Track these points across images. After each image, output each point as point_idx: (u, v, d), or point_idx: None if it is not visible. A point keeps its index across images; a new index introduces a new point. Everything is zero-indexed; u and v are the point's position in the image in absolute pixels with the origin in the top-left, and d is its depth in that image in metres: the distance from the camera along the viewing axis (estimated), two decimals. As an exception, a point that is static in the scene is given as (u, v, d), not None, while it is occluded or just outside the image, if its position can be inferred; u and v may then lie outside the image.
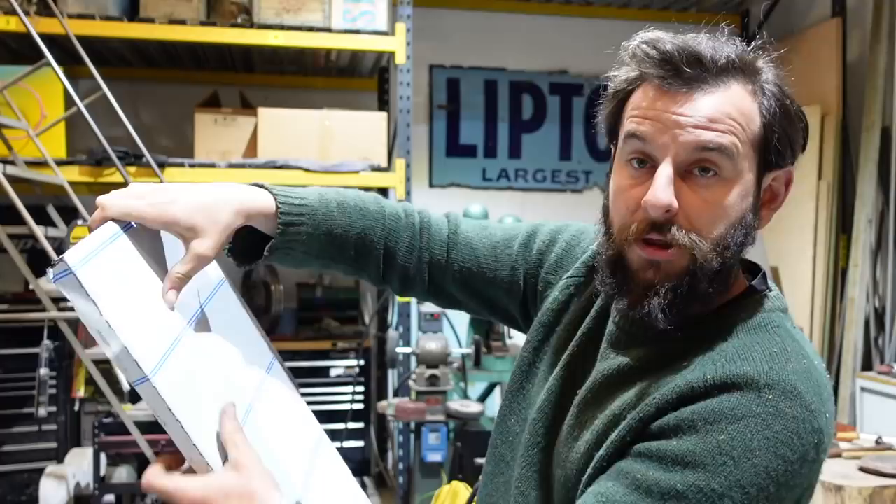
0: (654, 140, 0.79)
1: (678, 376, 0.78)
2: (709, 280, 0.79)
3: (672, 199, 0.78)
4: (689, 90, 0.79)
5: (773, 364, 0.76)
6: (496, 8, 4.93)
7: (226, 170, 3.54)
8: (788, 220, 4.38)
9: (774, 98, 0.82)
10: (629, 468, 0.76)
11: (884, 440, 2.78)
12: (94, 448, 3.05)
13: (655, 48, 0.81)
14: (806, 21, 4.70)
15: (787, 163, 0.84)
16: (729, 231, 0.80)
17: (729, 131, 0.78)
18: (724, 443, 0.72)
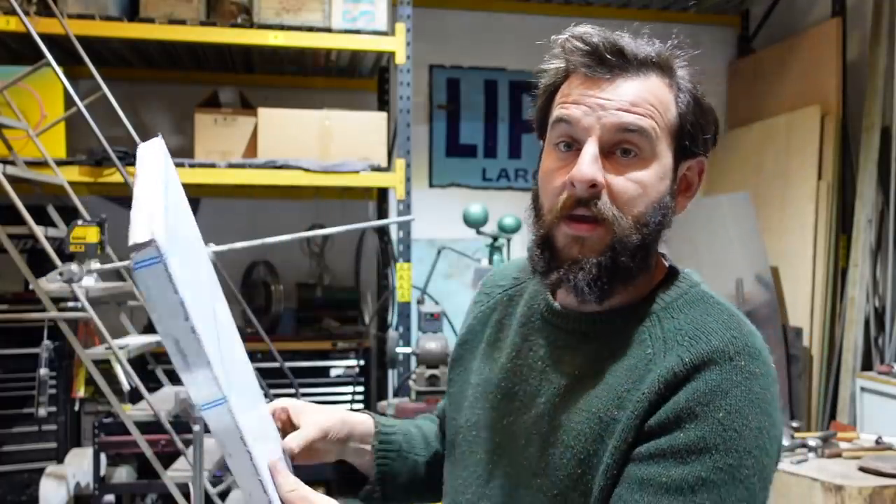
0: (580, 122, 0.85)
1: (652, 364, 0.83)
2: (629, 254, 0.85)
3: (597, 174, 0.83)
4: (611, 77, 0.85)
5: (730, 333, 0.84)
6: (496, 8, 4.93)
7: (226, 170, 3.54)
8: (788, 220, 4.38)
9: (689, 92, 0.90)
10: (649, 474, 0.78)
11: (884, 440, 2.78)
12: (94, 448, 3.05)
13: (582, 40, 0.88)
14: (806, 21, 4.70)
15: (700, 153, 0.91)
16: (648, 209, 0.85)
17: (648, 115, 0.85)
18: (724, 419, 0.77)
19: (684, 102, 0.89)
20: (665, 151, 0.87)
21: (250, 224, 4.11)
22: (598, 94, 0.85)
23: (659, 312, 0.87)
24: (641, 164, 0.85)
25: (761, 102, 4.87)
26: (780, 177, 4.50)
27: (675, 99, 0.88)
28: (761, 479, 0.78)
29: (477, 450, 0.95)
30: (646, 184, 0.85)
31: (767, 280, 4.24)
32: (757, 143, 4.77)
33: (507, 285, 1.06)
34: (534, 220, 0.91)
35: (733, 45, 5.31)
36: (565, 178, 0.85)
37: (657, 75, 0.88)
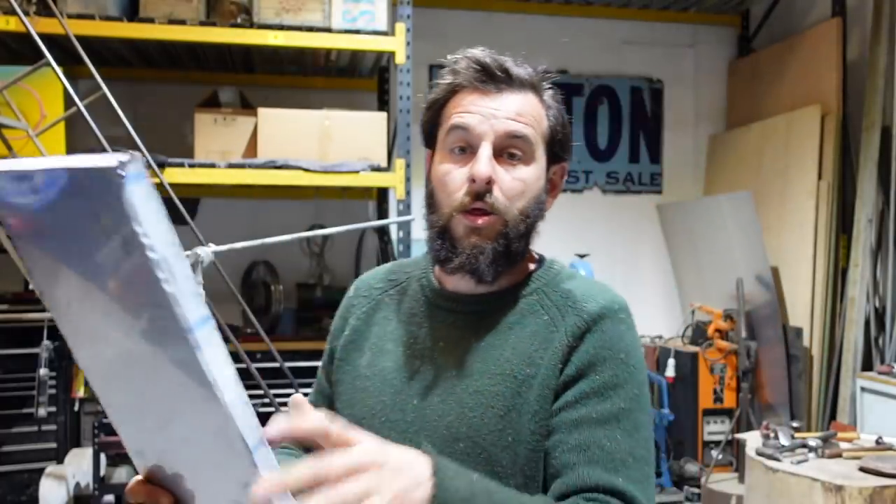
0: (476, 128, 1.00)
1: (554, 326, 1.00)
2: (517, 240, 1.01)
3: (492, 172, 0.99)
4: (498, 91, 1.01)
5: (609, 294, 1.03)
6: (496, 8, 4.93)
7: (226, 170, 3.54)
8: (788, 219, 4.38)
9: (555, 109, 1.06)
10: (579, 415, 0.94)
11: (884, 440, 2.78)
12: (94, 448, 3.05)
13: (475, 60, 1.02)
14: (806, 21, 4.70)
15: (564, 158, 1.10)
16: (529, 203, 1.02)
17: (529, 124, 1.01)
18: (625, 359, 0.97)
19: (553, 116, 1.05)
20: (541, 156, 1.04)
21: (250, 224, 4.10)
22: (490, 104, 1.00)
23: (542, 288, 1.05)
24: (524, 165, 1.01)
25: (761, 102, 4.87)
26: (780, 176, 4.50)
27: (545, 113, 1.05)
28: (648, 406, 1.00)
29: (388, 433, 0.97)
30: (527, 182, 1.01)
31: (767, 280, 4.24)
32: (757, 142, 4.77)
33: (383, 287, 1.17)
34: (430, 216, 1.05)
35: (733, 45, 5.31)
36: (462, 176, 1.00)
37: (532, 93, 1.04)
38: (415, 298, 1.11)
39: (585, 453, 0.92)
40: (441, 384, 1.01)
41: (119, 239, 0.58)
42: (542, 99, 1.05)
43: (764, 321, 4.28)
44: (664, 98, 5.28)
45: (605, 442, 0.92)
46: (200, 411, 0.64)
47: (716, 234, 4.58)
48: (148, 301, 0.60)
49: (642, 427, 0.96)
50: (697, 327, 4.57)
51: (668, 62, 5.25)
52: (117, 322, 0.66)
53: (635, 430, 0.95)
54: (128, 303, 0.64)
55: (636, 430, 0.95)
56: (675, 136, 5.30)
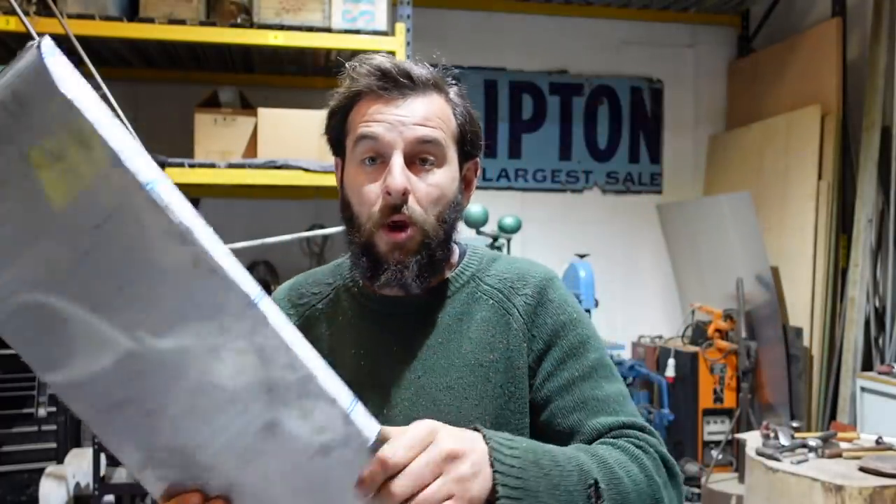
0: (384, 137, 0.97)
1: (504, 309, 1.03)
2: (439, 247, 1.01)
3: (406, 183, 0.96)
4: (403, 97, 0.99)
5: (537, 267, 1.08)
6: (496, 8, 4.94)
7: (226, 170, 3.54)
8: (788, 220, 4.38)
9: (461, 106, 1.05)
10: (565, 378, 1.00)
11: (884, 440, 2.78)
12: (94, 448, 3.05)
13: (375, 66, 0.99)
14: (806, 21, 4.70)
15: (476, 154, 1.08)
16: (446, 208, 1.01)
17: (438, 127, 0.99)
18: (575, 316, 1.05)
19: (460, 114, 1.04)
20: (453, 157, 1.02)
21: (250, 224, 4.11)
22: (396, 112, 0.98)
23: (475, 275, 1.07)
24: (437, 169, 1.00)
25: (761, 102, 4.87)
26: (780, 177, 4.50)
27: (452, 111, 1.03)
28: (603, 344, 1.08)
29: None
30: (442, 186, 1.00)
31: (767, 280, 4.24)
32: (757, 143, 4.77)
33: (309, 301, 1.13)
34: (350, 230, 1.03)
35: (733, 45, 5.31)
36: (377, 188, 0.98)
37: (436, 93, 1.02)
38: (351, 308, 1.09)
39: (585, 408, 0.98)
40: (408, 387, 1.01)
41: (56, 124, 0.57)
42: (447, 98, 1.03)
43: (764, 321, 4.28)
44: (664, 98, 5.28)
45: (596, 392, 0.99)
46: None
47: (716, 235, 4.58)
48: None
49: (610, 365, 1.04)
50: (697, 327, 4.57)
51: (668, 62, 5.25)
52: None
53: (611, 374, 1.03)
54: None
55: (612, 375, 1.03)
56: (674, 136, 5.30)
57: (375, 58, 1.01)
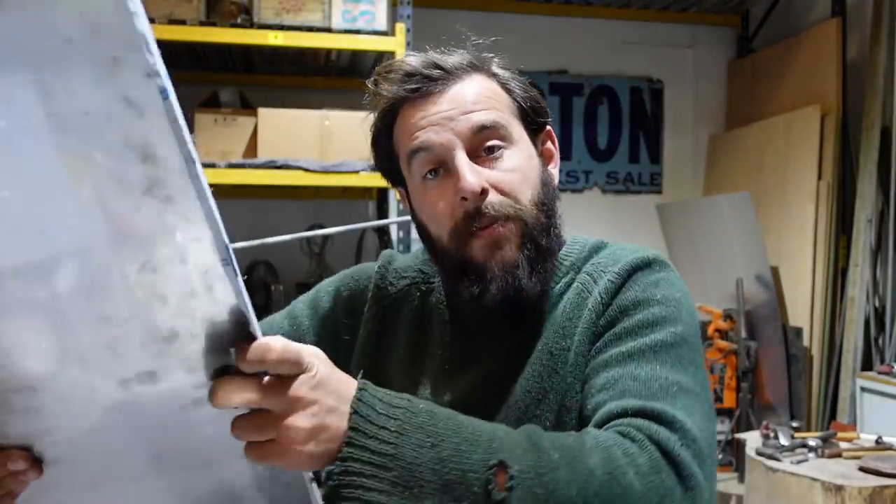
0: (436, 141, 0.86)
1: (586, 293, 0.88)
2: (545, 234, 0.89)
3: (482, 181, 0.85)
4: (440, 90, 0.88)
5: (640, 251, 0.91)
6: (496, 8, 4.93)
7: (226, 170, 3.54)
8: (788, 220, 4.38)
9: (509, 77, 0.93)
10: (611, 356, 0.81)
11: (884, 440, 2.78)
12: (94, 448, 3.05)
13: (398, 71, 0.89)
14: (806, 21, 4.70)
15: (544, 123, 0.96)
16: (536, 188, 0.90)
17: (491, 107, 0.88)
18: (662, 299, 0.84)
19: (514, 87, 0.93)
20: (521, 133, 0.91)
21: (250, 224, 4.11)
22: (438, 109, 0.87)
23: (577, 263, 0.94)
24: (508, 152, 0.88)
25: (761, 102, 4.87)
26: (779, 177, 4.50)
27: (503, 86, 0.92)
28: (703, 356, 0.84)
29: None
30: (522, 168, 0.88)
31: (767, 280, 4.24)
32: (757, 143, 4.77)
33: (415, 278, 1.03)
34: (436, 256, 0.92)
35: (733, 45, 5.31)
36: (450, 201, 0.86)
37: (477, 74, 0.91)
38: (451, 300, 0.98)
39: (615, 387, 0.77)
40: (487, 389, 0.89)
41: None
42: (491, 74, 0.92)
43: (764, 321, 4.28)
44: (664, 98, 5.28)
45: (637, 372, 0.77)
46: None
47: (716, 234, 4.58)
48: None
49: (689, 364, 0.79)
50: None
51: (668, 62, 5.25)
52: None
53: (679, 363, 0.78)
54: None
55: (680, 364, 0.78)
56: (674, 136, 5.30)
57: (395, 63, 0.91)
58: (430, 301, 1.00)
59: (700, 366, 0.81)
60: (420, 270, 1.04)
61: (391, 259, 1.07)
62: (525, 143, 0.91)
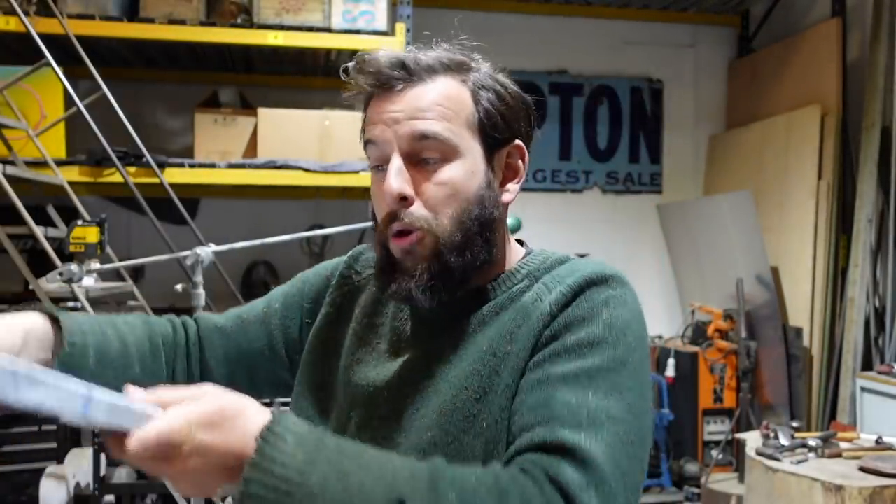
0: (381, 139, 0.89)
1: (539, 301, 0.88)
2: (456, 253, 0.88)
3: (403, 186, 0.87)
4: (400, 90, 0.88)
5: (599, 266, 0.89)
6: (496, 8, 4.93)
7: (226, 170, 3.54)
8: (788, 219, 4.38)
9: (486, 86, 0.92)
10: (545, 374, 0.81)
11: (884, 440, 2.78)
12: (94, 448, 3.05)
13: (365, 64, 0.90)
14: (806, 21, 4.70)
15: (513, 139, 0.94)
16: (464, 206, 0.89)
17: (440, 117, 0.88)
18: (608, 321, 0.83)
19: (485, 96, 0.91)
20: (471, 146, 0.90)
21: (250, 224, 4.11)
22: (392, 108, 0.88)
23: (533, 272, 0.93)
24: (447, 165, 0.88)
25: (761, 102, 4.87)
26: (779, 176, 4.50)
27: (471, 94, 0.91)
28: (647, 380, 0.83)
29: (359, 432, 0.92)
30: (454, 183, 0.88)
31: (767, 280, 4.24)
32: (757, 142, 4.77)
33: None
34: (375, 239, 0.94)
35: (733, 45, 5.31)
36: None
37: (447, 77, 0.90)
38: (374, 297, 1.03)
39: (545, 410, 0.77)
40: (419, 375, 0.91)
41: None
42: (464, 80, 0.91)
43: (764, 321, 4.28)
44: (664, 98, 5.28)
45: (569, 398, 0.77)
46: None
47: (716, 234, 4.58)
48: None
49: (626, 390, 0.79)
50: (697, 327, 4.57)
51: (668, 62, 5.25)
52: None
53: (614, 390, 0.78)
54: None
55: (615, 391, 0.78)
56: (674, 136, 5.30)
57: (368, 55, 0.91)
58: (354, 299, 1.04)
59: (637, 389, 0.80)
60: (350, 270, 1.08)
61: (362, 251, 1.11)
62: (471, 159, 0.90)
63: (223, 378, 1.07)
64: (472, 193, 0.89)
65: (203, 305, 2.21)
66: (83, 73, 3.28)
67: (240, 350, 1.08)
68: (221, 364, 1.07)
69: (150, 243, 3.43)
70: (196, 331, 1.09)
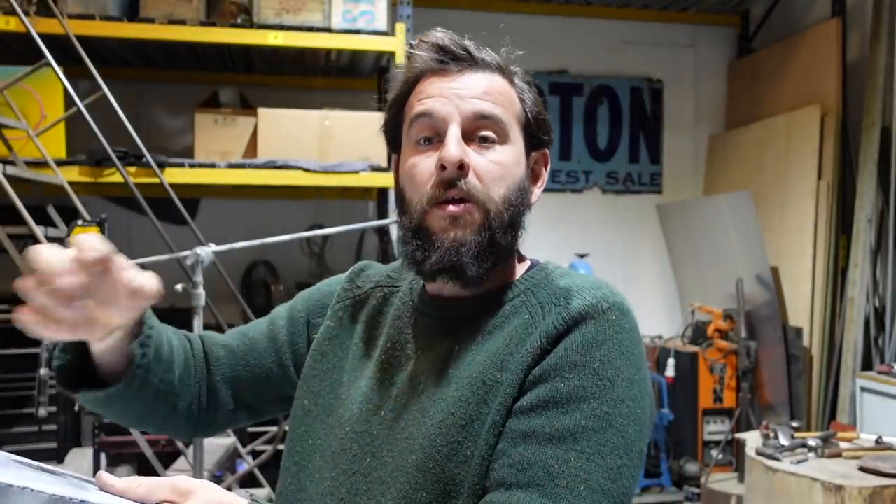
0: (440, 112, 0.90)
1: (532, 327, 0.87)
2: (503, 231, 0.90)
3: (464, 154, 0.88)
4: (460, 70, 0.92)
5: (601, 291, 0.87)
6: (496, 8, 4.94)
7: (226, 170, 3.54)
8: (788, 219, 4.38)
9: (528, 91, 0.97)
10: (532, 426, 0.81)
11: (884, 440, 2.78)
12: (94, 448, 3.05)
13: (431, 42, 0.93)
14: (806, 21, 4.70)
15: (544, 145, 0.98)
16: (511, 189, 0.91)
17: (499, 103, 0.92)
18: (599, 369, 0.82)
19: (528, 99, 0.96)
20: (517, 138, 0.93)
21: (250, 224, 4.11)
22: (453, 86, 0.91)
23: (531, 288, 0.92)
24: (499, 147, 0.91)
25: (761, 102, 4.87)
26: (779, 177, 4.50)
27: (517, 95, 0.95)
28: (636, 428, 0.82)
29: (351, 446, 0.92)
30: (506, 164, 0.91)
31: (767, 280, 4.24)
32: (757, 142, 4.77)
33: (381, 281, 1.07)
34: (402, 216, 0.94)
35: (733, 45, 5.31)
36: (430, 167, 0.89)
37: (499, 75, 0.94)
38: (403, 301, 1.02)
39: (526, 473, 0.79)
40: (408, 393, 0.91)
41: None
42: (512, 82, 0.96)
43: (764, 321, 4.28)
44: (664, 98, 5.28)
45: (551, 463, 0.78)
46: None
47: (716, 234, 4.58)
48: None
49: (609, 452, 0.79)
50: (697, 327, 4.57)
51: (668, 62, 5.25)
52: None
53: (597, 454, 0.79)
54: None
55: (598, 454, 0.79)
56: (674, 136, 5.30)
57: (433, 34, 0.93)
58: (390, 302, 1.04)
59: (623, 448, 0.80)
60: (388, 275, 1.08)
61: (364, 266, 1.12)
62: (518, 149, 0.93)
63: (229, 398, 1.07)
64: (517, 180, 0.92)
65: (203, 305, 2.22)
66: (83, 73, 3.28)
67: (248, 368, 1.07)
68: (227, 382, 1.07)
69: (150, 243, 3.43)
70: (202, 349, 1.08)
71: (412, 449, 0.86)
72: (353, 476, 0.90)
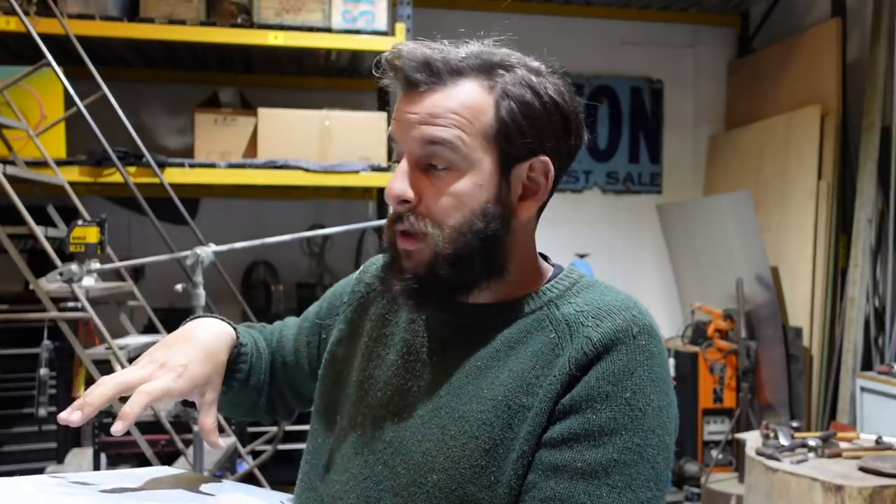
0: (398, 138, 0.88)
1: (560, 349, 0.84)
2: (449, 265, 0.85)
3: (405, 190, 0.85)
4: (423, 91, 0.85)
5: (630, 312, 0.85)
6: (496, 8, 4.94)
7: (226, 170, 3.54)
8: (788, 219, 4.38)
9: (514, 95, 0.86)
10: (563, 460, 0.80)
11: (884, 440, 2.78)
12: (94, 448, 3.05)
13: (392, 61, 0.87)
14: (806, 21, 4.70)
15: (536, 154, 0.88)
16: (466, 220, 0.85)
17: (451, 125, 0.84)
18: (631, 399, 0.80)
19: (506, 106, 0.85)
20: (482, 158, 0.85)
21: (250, 224, 4.11)
22: (409, 109, 0.86)
23: (554, 300, 0.89)
24: (455, 174, 0.85)
25: (761, 102, 4.87)
26: (779, 177, 4.50)
27: (494, 102, 0.85)
28: (665, 457, 0.82)
29: (362, 451, 0.91)
30: (460, 194, 0.85)
31: (767, 280, 4.24)
32: (757, 142, 4.78)
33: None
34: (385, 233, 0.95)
35: (733, 45, 5.31)
36: None
37: (473, 80, 0.86)
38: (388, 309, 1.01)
39: None
40: (426, 404, 0.89)
41: None
42: (490, 84, 0.86)
43: (764, 321, 4.28)
44: (664, 98, 5.28)
45: (584, 499, 0.78)
46: None
47: (716, 234, 4.58)
48: None
49: (640, 486, 0.79)
50: (697, 327, 4.57)
51: (668, 62, 5.25)
52: None
53: (628, 488, 0.79)
54: None
55: (629, 488, 0.79)
56: (674, 136, 5.30)
57: (397, 50, 0.87)
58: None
59: (653, 480, 0.80)
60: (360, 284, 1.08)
61: (373, 262, 1.09)
62: (482, 172, 0.85)
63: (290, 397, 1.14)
64: (477, 207, 0.85)
65: (203, 305, 2.22)
66: (83, 73, 3.28)
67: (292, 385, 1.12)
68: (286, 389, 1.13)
69: (150, 243, 3.44)
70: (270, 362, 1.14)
71: (432, 468, 0.84)
72: (363, 482, 0.90)
